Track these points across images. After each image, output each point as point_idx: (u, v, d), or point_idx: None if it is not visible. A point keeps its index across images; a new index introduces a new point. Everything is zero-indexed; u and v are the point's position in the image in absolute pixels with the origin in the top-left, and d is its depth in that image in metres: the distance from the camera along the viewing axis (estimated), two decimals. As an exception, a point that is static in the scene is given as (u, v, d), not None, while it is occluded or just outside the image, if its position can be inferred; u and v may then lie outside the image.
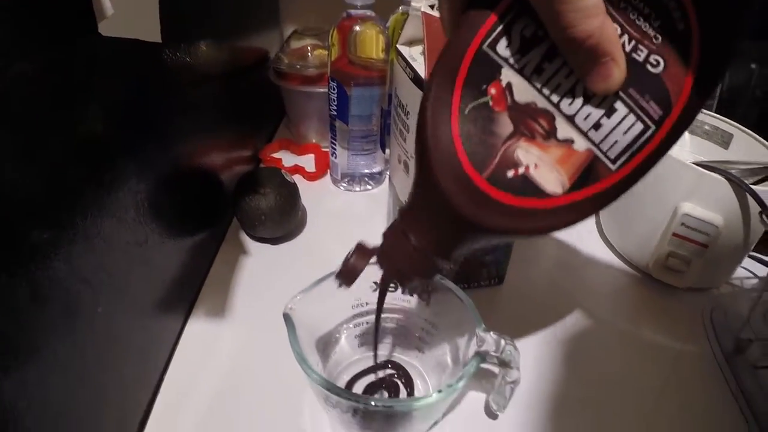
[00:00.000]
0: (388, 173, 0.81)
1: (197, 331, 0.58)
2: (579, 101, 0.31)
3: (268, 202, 0.65)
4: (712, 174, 0.58)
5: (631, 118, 0.30)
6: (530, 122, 0.32)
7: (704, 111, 0.75)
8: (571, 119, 0.31)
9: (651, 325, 0.63)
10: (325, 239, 0.72)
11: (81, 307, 0.39)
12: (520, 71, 0.31)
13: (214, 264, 0.66)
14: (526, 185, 0.32)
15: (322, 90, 0.83)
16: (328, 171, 0.85)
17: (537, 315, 0.63)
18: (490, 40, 0.31)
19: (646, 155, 0.31)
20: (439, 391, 0.39)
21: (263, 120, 0.95)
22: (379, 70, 0.73)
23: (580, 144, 0.31)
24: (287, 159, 0.88)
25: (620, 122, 0.30)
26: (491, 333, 0.43)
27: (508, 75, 0.31)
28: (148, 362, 0.51)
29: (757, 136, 0.68)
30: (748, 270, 0.71)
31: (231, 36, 0.75)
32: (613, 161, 0.31)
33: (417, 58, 0.53)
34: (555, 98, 0.31)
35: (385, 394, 0.50)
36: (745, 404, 0.53)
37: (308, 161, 0.88)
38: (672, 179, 0.62)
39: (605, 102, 0.30)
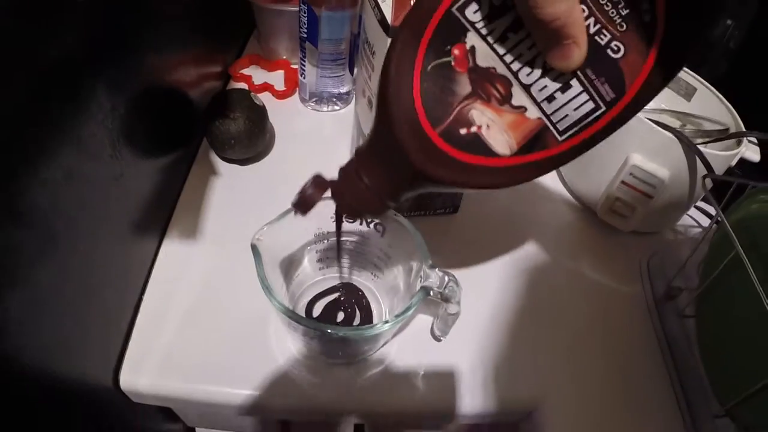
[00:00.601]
0: (355, 93, 0.83)
1: (172, 252, 0.62)
2: (537, 73, 0.33)
3: (237, 126, 0.67)
4: (665, 132, 0.61)
5: (584, 96, 0.33)
6: (488, 86, 0.34)
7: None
8: (527, 88, 0.34)
9: (592, 262, 0.69)
10: (292, 160, 0.76)
11: (62, 239, 0.42)
12: (485, 37, 0.33)
13: (186, 185, 0.69)
14: (477, 144, 0.35)
15: (292, 9, 0.83)
16: (297, 89, 0.87)
17: (487, 244, 0.68)
18: (460, 3, 0.33)
19: (592, 132, 0.35)
20: (386, 322, 0.45)
21: (233, 34, 0.95)
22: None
23: (532, 113, 0.34)
24: (257, 76, 0.89)
25: (573, 98, 0.33)
26: (436, 270, 0.48)
27: (472, 39, 0.34)
28: (127, 284, 0.56)
29: (720, 95, 0.71)
30: (694, 220, 0.76)
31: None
32: (561, 133, 0.35)
33: None
34: (515, 67, 0.34)
35: (343, 315, 0.55)
36: (667, 349, 0.59)
37: (278, 78, 0.89)
38: (627, 131, 0.64)
39: (562, 77, 0.33)
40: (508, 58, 0.33)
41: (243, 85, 0.86)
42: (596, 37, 0.32)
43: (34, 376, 0.40)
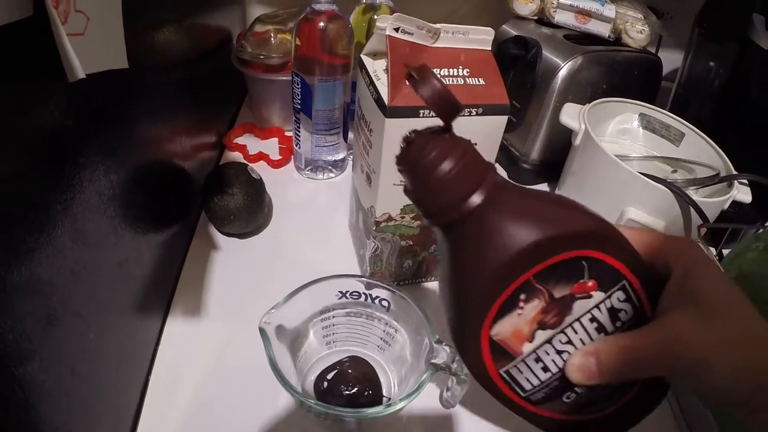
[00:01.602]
0: (350, 159, 0.84)
1: (176, 330, 0.62)
2: None
3: (236, 202, 0.68)
4: (658, 185, 0.63)
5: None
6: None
7: (658, 109, 0.79)
8: None
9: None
10: (291, 231, 0.76)
11: (75, 337, 0.42)
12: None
13: (186, 260, 0.70)
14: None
15: (284, 78, 0.85)
16: (292, 157, 0.88)
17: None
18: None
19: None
20: (389, 405, 0.45)
21: (226, 103, 0.97)
22: (342, 58, 0.75)
23: None
24: (251, 144, 0.90)
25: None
26: (444, 344, 0.48)
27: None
28: (133, 366, 0.55)
29: (708, 139, 0.73)
30: None
31: (193, 17, 0.75)
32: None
33: (381, 75, 0.55)
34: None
35: (352, 390, 0.55)
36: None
37: (272, 146, 0.91)
38: (621, 185, 0.66)
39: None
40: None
41: (238, 155, 0.87)
42: None
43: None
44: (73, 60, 0.36)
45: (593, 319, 0.32)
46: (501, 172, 0.92)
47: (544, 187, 0.91)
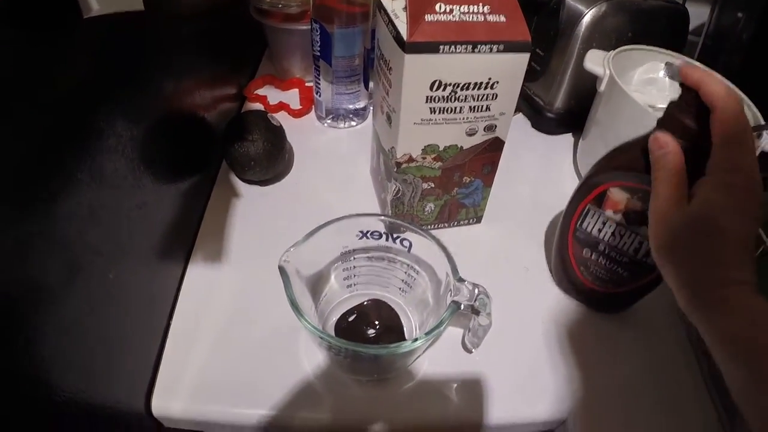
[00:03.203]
0: (371, 108, 0.83)
1: (198, 276, 0.62)
2: None
3: (257, 149, 0.68)
4: None
5: None
6: None
7: (686, 58, 0.77)
8: None
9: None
10: (311, 179, 0.76)
11: (96, 275, 0.43)
12: None
13: (208, 208, 0.70)
14: None
15: (304, 27, 0.84)
16: (313, 107, 0.87)
17: (513, 254, 0.68)
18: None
19: None
20: (416, 339, 0.45)
21: (246, 55, 0.96)
22: (361, 6, 0.74)
23: None
24: (272, 95, 0.89)
25: None
26: (466, 283, 0.47)
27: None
28: (155, 310, 0.56)
29: (736, 89, 0.69)
30: None
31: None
32: None
33: (399, 14, 0.54)
34: None
35: (373, 332, 0.55)
36: (707, 370, 0.57)
37: (293, 97, 0.90)
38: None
39: None
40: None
41: (259, 106, 0.86)
42: None
43: (68, 404, 0.40)
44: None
45: None
46: (524, 121, 0.91)
47: (568, 137, 0.89)
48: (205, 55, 0.72)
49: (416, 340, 0.45)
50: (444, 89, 0.54)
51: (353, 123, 0.86)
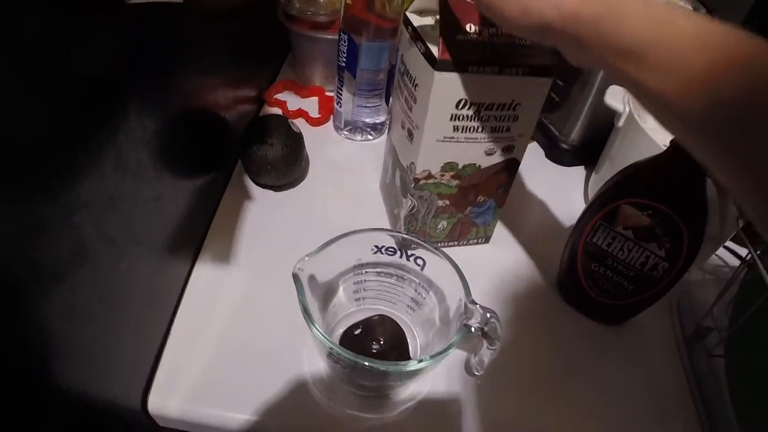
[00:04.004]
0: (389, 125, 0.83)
1: (204, 275, 0.62)
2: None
3: (275, 153, 0.67)
4: None
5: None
6: None
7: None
8: None
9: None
10: (324, 188, 0.76)
11: (107, 264, 0.42)
12: None
13: (220, 208, 0.69)
14: None
15: (330, 36, 0.84)
16: (331, 117, 0.87)
17: (521, 275, 0.68)
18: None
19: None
20: (421, 360, 0.44)
21: (268, 58, 0.96)
22: (392, 20, 0.74)
23: None
24: (291, 101, 0.89)
25: None
26: (478, 306, 0.47)
27: None
28: (159, 306, 0.55)
29: None
30: (723, 260, 0.75)
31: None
32: None
33: (428, 31, 0.54)
34: None
35: (378, 348, 0.54)
36: (696, 388, 0.58)
37: (312, 104, 0.90)
38: None
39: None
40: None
41: (278, 111, 0.86)
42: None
43: (67, 395, 0.39)
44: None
45: None
46: (538, 150, 0.91)
47: (580, 169, 0.89)
48: (231, 54, 0.72)
49: (421, 360, 0.44)
50: (469, 108, 0.54)
51: (370, 137, 0.85)
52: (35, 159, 0.32)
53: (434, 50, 0.51)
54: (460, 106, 0.54)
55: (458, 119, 0.55)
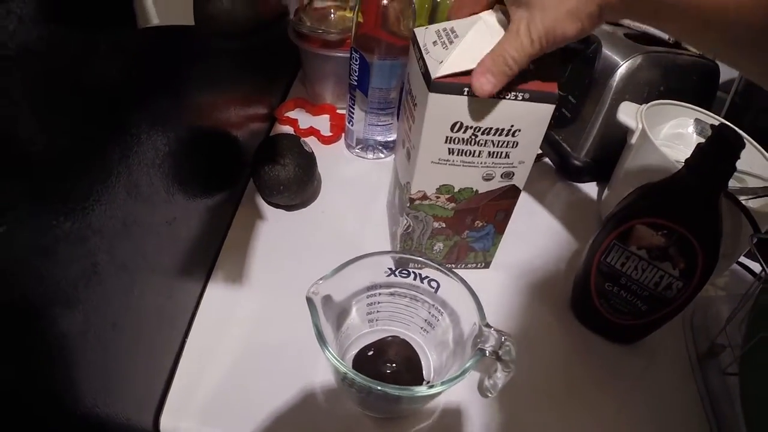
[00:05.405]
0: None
1: (216, 296, 0.62)
2: None
3: (287, 173, 0.67)
4: None
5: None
6: None
7: (715, 116, 0.77)
8: None
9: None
10: (337, 208, 0.75)
11: (119, 291, 0.42)
12: None
13: (231, 228, 0.69)
14: None
15: (341, 54, 0.84)
16: (343, 135, 0.87)
17: (522, 298, 0.67)
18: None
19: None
20: (431, 386, 0.44)
21: (279, 76, 0.96)
22: (403, 39, 0.73)
23: None
24: (302, 119, 0.89)
25: None
26: (492, 329, 0.47)
27: None
28: (172, 327, 0.55)
29: (762, 150, 0.70)
30: (736, 275, 0.74)
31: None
32: None
33: (431, 49, 0.53)
34: None
35: (391, 370, 0.54)
36: (709, 407, 0.58)
37: (323, 122, 0.90)
38: None
39: None
40: None
41: (289, 129, 0.86)
42: None
43: (78, 416, 0.39)
44: (149, 7, 0.36)
45: None
46: (549, 167, 0.90)
47: (592, 185, 0.89)
48: (242, 72, 0.73)
49: (434, 386, 0.44)
50: (465, 131, 0.53)
51: (381, 155, 0.85)
52: (48, 185, 0.32)
53: (431, 69, 0.50)
54: (456, 129, 0.53)
55: (454, 142, 0.54)
